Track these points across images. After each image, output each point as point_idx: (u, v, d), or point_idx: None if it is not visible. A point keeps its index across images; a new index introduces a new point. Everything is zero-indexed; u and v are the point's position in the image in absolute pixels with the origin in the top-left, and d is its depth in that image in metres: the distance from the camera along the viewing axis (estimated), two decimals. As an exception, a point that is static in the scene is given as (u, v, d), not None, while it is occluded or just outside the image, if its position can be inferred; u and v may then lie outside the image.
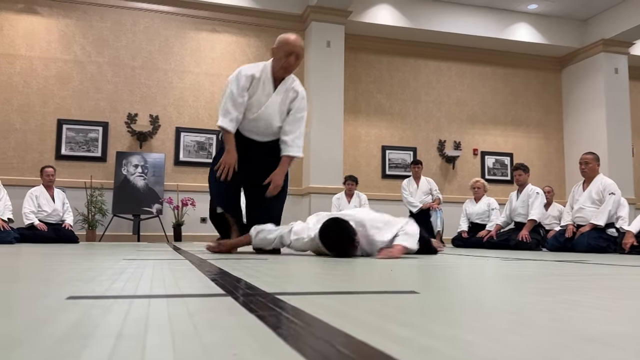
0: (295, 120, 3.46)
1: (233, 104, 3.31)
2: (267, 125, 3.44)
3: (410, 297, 1.10)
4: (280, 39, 3.37)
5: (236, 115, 3.31)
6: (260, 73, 3.39)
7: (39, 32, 7.36)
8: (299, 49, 3.32)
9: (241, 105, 3.33)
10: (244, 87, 3.33)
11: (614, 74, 9.12)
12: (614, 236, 5.04)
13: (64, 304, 0.93)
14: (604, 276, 1.88)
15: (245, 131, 3.46)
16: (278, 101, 3.40)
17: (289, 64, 3.33)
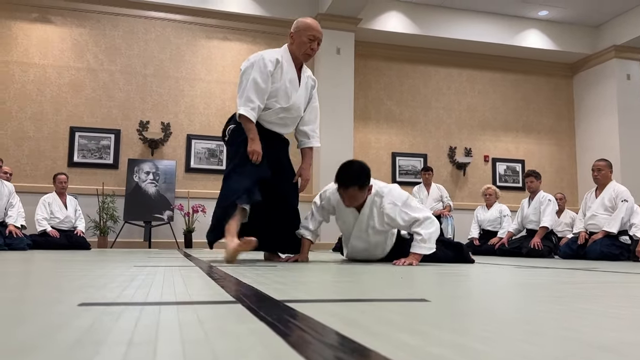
0: (313, 109, 3.32)
1: (256, 91, 3.01)
2: (297, 116, 3.22)
3: (420, 305, 1.10)
4: (302, 23, 3.18)
5: (258, 104, 3.01)
6: (282, 58, 3.14)
7: (52, 40, 7.46)
8: (321, 34, 3.19)
9: (265, 93, 3.04)
10: (269, 73, 3.05)
11: (626, 80, 9.04)
12: (627, 244, 4.99)
13: (76, 310, 0.94)
14: (617, 284, 1.86)
15: (268, 123, 3.16)
16: (304, 89, 3.22)
17: (313, 50, 3.16)
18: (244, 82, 3.04)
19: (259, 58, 3.07)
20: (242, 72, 3.07)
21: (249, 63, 3.07)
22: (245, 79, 3.04)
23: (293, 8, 8.11)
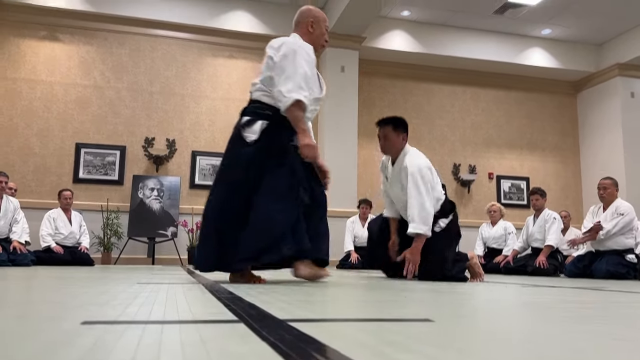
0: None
1: (305, 79, 2.60)
2: (319, 108, 2.92)
3: (424, 325, 1.09)
4: (319, 13, 2.94)
5: (307, 94, 2.60)
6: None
7: (60, 58, 7.54)
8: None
9: (309, 83, 2.65)
10: (313, 62, 2.72)
11: (630, 97, 9.05)
12: (634, 262, 4.95)
13: (79, 328, 0.94)
14: (624, 304, 1.84)
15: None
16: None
17: (327, 42, 2.97)
18: (291, 68, 2.57)
19: (301, 44, 2.71)
20: (283, 55, 2.62)
21: (290, 48, 2.65)
22: (291, 64, 2.58)
23: (298, 26, 8.19)
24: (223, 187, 2.70)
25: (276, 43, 2.74)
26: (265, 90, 2.68)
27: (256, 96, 2.72)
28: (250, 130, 2.64)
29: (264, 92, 2.69)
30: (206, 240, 2.68)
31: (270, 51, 2.71)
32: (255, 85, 2.75)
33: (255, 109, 2.70)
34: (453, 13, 8.34)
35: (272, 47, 2.73)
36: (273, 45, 2.74)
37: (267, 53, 2.73)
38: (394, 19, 8.55)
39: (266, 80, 2.68)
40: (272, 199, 2.50)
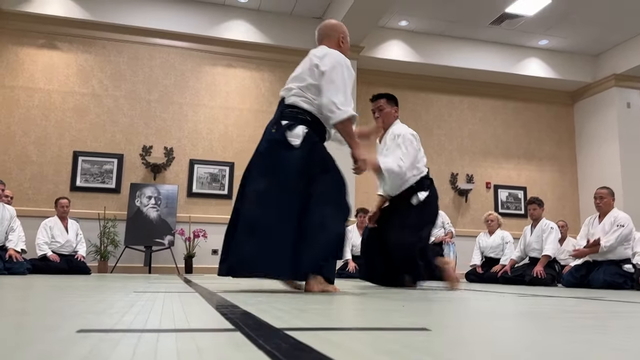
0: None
1: (350, 95, 2.73)
2: None
3: (421, 334, 1.08)
4: (344, 28, 3.04)
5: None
6: None
7: (58, 66, 7.56)
8: None
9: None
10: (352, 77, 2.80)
11: (627, 108, 9.09)
12: (631, 272, 4.94)
13: (75, 337, 0.93)
14: (622, 314, 1.84)
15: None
16: None
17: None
18: (340, 80, 2.66)
19: (345, 58, 2.80)
20: (332, 67, 2.69)
21: (337, 60, 2.73)
22: (340, 77, 2.67)
23: (297, 36, 8.23)
24: (274, 188, 2.57)
25: (319, 52, 2.79)
26: (305, 96, 2.71)
27: (293, 101, 2.73)
28: (293, 134, 2.64)
29: (303, 98, 2.71)
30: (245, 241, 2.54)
31: (315, 59, 2.74)
32: (291, 90, 2.76)
33: (295, 114, 2.70)
34: (451, 23, 8.39)
35: (315, 55, 2.77)
36: (316, 54, 2.78)
37: (312, 61, 2.75)
38: (392, 29, 8.59)
39: (308, 88, 2.71)
40: (326, 207, 2.56)
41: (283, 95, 2.80)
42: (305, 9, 8.11)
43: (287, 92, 2.77)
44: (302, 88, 2.72)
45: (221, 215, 7.78)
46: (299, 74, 2.79)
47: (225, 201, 7.82)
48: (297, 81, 2.76)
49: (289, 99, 2.74)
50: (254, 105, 8.15)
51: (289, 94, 2.76)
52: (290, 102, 2.72)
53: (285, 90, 2.79)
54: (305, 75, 2.73)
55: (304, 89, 2.72)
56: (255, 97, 8.19)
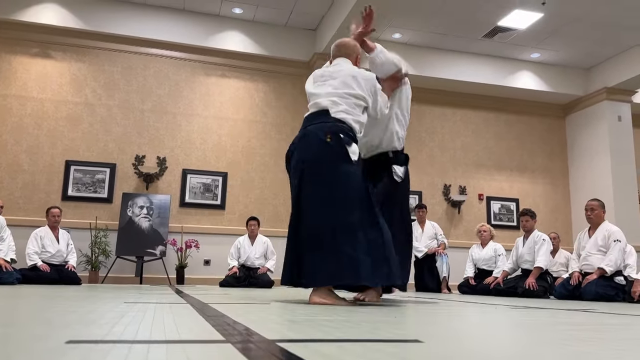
0: None
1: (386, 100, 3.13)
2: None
3: (414, 346, 1.08)
4: (358, 48, 3.27)
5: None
6: None
7: (51, 75, 7.54)
8: None
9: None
10: None
11: (618, 121, 9.17)
12: (622, 284, 4.96)
13: (64, 348, 0.92)
14: (614, 326, 1.84)
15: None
16: None
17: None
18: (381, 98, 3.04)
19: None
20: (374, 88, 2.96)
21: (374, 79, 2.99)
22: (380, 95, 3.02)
23: (291, 47, 8.27)
24: (345, 201, 2.64)
25: (356, 71, 2.96)
26: (353, 114, 2.81)
27: (343, 117, 2.78)
28: (352, 150, 2.71)
29: (352, 117, 2.80)
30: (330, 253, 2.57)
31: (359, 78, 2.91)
32: (338, 105, 2.80)
33: (347, 131, 2.75)
34: (443, 36, 8.46)
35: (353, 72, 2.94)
36: (354, 71, 2.95)
37: (356, 78, 2.89)
38: (386, 41, 8.65)
39: (357, 105, 2.86)
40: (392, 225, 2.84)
41: (327, 106, 2.81)
42: (299, 21, 8.16)
43: (334, 106, 2.80)
44: (350, 105, 2.82)
45: (214, 225, 7.75)
46: (340, 89, 2.86)
47: (218, 211, 7.79)
48: (342, 97, 2.83)
49: (337, 114, 2.78)
50: (248, 116, 8.15)
51: (337, 108, 2.80)
52: (340, 118, 2.77)
53: (330, 103, 2.81)
54: (350, 90, 2.85)
55: (353, 106, 2.83)
56: (249, 107, 8.20)
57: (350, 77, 2.88)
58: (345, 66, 2.98)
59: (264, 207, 7.93)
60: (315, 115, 2.83)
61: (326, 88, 2.87)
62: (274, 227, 7.86)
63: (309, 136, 2.76)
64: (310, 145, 2.73)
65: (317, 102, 2.86)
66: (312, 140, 2.73)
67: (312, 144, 2.73)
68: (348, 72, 2.92)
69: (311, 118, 2.84)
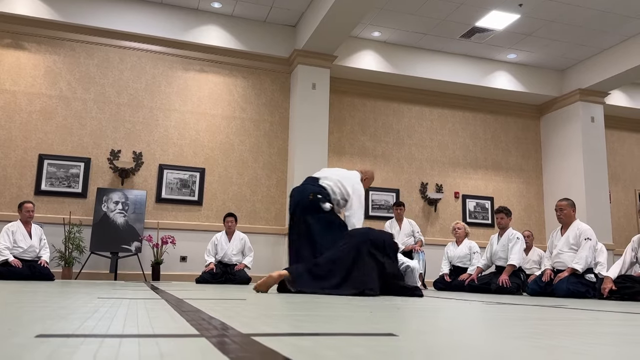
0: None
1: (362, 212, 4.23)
2: None
3: (388, 339, 1.09)
4: (372, 174, 4.62)
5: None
6: None
7: (25, 67, 7.37)
8: None
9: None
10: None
11: (591, 122, 9.37)
12: (593, 281, 5.07)
13: (33, 342, 0.90)
14: (583, 321, 1.88)
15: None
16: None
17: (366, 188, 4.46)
18: (361, 203, 4.20)
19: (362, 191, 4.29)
20: (357, 190, 4.17)
21: (362, 190, 4.24)
22: (361, 201, 4.21)
23: (271, 43, 8.24)
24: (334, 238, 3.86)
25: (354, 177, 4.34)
26: (334, 190, 4.10)
27: (328, 187, 4.09)
28: (324, 206, 3.98)
29: (332, 191, 4.09)
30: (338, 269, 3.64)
31: (350, 180, 4.24)
32: (327, 179, 4.16)
33: (324, 194, 4.05)
34: (422, 35, 8.53)
35: (351, 176, 4.31)
36: (351, 176, 4.33)
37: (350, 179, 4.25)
38: (365, 39, 8.68)
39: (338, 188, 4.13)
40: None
41: (319, 177, 4.18)
42: (279, 17, 8.13)
43: (324, 180, 4.14)
44: (333, 187, 4.10)
45: (191, 221, 7.69)
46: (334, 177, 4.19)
47: (195, 207, 7.73)
48: (331, 181, 4.13)
49: (323, 183, 4.13)
50: (226, 111, 8.10)
51: (324, 181, 4.13)
52: (324, 186, 4.09)
53: (323, 178, 4.15)
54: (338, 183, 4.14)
55: (334, 187, 4.11)
56: (228, 103, 8.15)
57: (346, 176, 4.26)
58: (346, 173, 4.39)
59: (241, 204, 7.90)
60: (311, 179, 4.22)
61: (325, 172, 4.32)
62: (251, 223, 7.84)
63: (302, 192, 4.11)
64: (302, 198, 4.07)
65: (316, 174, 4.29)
66: (303, 194, 4.08)
67: (303, 196, 4.06)
68: (347, 173, 4.35)
69: (309, 180, 4.22)
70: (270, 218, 7.99)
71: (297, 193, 4.15)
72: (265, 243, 7.76)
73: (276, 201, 8.04)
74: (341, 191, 4.09)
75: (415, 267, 4.06)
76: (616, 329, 1.63)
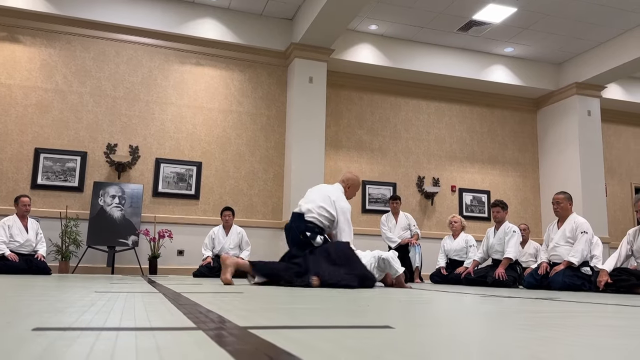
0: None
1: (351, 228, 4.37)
2: None
3: (384, 331, 1.10)
4: (356, 181, 4.51)
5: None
6: None
7: (20, 60, 7.33)
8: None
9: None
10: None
11: (587, 116, 9.38)
12: (589, 274, 5.09)
13: (30, 335, 0.90)
14: (579, 313, 1.90)
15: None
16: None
17: (353, 196, 4.57)
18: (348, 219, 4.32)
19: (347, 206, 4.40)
20: (344, 208, 4.29)
21: (349, 207, 4.36)
22: (347, 217, 4.32)
23: (267, 37, 8.21)
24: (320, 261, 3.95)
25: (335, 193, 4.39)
26: (321, 221, 4.21)
27: (312, 219, 4.19)
28: (315, 241, 4.10)
29: (320, 222, 4.21)
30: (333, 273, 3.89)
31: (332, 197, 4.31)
32: (312, 211, 4.22)
33: (313, 228, 4.16)
34: (419, 29, 8.51)
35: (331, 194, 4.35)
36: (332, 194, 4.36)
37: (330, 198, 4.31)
38: (362, 32, 8.66)
39: (323, 215, 4.23)
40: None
41: (303, 212, 4.23)
42: (275, 10, 8.09)
43: (308, 214, 4.21)
44: (318, 217, 4.20)
45: (188, 215, 7.69)
46: (317, 203, 4.27)
47: (192, 201, 7.72)
48: (315, 213, 4.21)
49: (308, 218, 4.20)
50: (223, 105, 8.08)
51: (309, 215, 4.20)
52: (310, 220, 4.18)
53: (307, 212, 4.21)
54: (321, 210, 4.24)
55: (319, 217, 4.20)
56: (225, 96, 8.12)
57: (325, 193, 4.34)
58: (327, 188, 4.48)
59: (238, 198, 7.90)
60: (297, 215, 4.26)
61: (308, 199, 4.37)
62: (248, 217, 7.84)
63: (293, 232, 4.23)
64: (294, 238, 4.23)
65: (300, 202, 4.39)
66: (293, 235, 4.23)
67: (294, 237, 4.22)
68: (326, 190, 4.41)
69: (295, 217, 4.27)
70: (267, 212, 7.99)
71: (289, 232, 4.34)
72: (262, 237, 7.77)
73: (273, 195, 8.04)
74: (326, 216, 4.23)
75: (388, 257, 4.15)
76: (611, 321, 1.64)
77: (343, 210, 4.28)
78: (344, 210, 4.28)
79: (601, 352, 0.92)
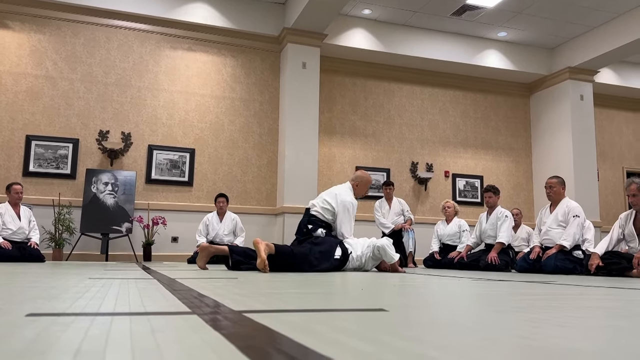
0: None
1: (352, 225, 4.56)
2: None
3: (378, 314, 1.10)
4: (365, 178, 4.66)
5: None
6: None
7: (9, 46, 7.24)
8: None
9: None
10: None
11: (580, 100, 9.40)
12: (580, 258, 5.14)
13: (23, 320, 0.90)
14: (570, 296, 1.92)
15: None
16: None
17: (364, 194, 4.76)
18: (350, 217, 4.49)
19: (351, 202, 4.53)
20: (346, 207, 4.44)
21: (352, 203, 4.49)
22: (350, 215, 4.48)
23: (260, 21, 8.13)
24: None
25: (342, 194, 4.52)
26: (324, 214, 4.42)
27: (317, 214, 4.43)
28: (316, 233, 4.31)
29: (322, 215, 4.42)
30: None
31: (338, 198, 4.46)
32: (316, 205, 4.47)
33: (316, 221, 4.40)
34: (412, 13, 8.46)
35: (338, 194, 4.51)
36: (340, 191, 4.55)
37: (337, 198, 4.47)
38: (355, 17, 8.60)
39: (326, 210, 4.44)
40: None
41: (309, 207, 4.52)
42: (268, -6, 8.01)
43: (313, 208, 4.47)
44: (320, 211, 4.43)
45: (182, 202, 7.67)
46: (322, 197, 4.52)
47: (185, 188, 7.70)
48: (319, 207, 4.45)
49: (312, 211, 4.45)
50: (215, 91, 8.02)
51: (313, 209, 4.46)
52: (314, 214, 4.43)
53: (312, 207, 4.49)
54: (324, 204, 4.45)
55: (322, 210, 4.43)
56: (217, 82, 8.07)
57: (333, 193, 4.50)
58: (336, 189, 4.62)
59: (232, 184, 7.88)
60: (306, 210, 4.53)
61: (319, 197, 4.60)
62: (242, 204, 7.84)
63: (301, 223, 4.51)
64: (300, 229, 4.48)
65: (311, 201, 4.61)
66: (301, 228, 4.47)
67: (301, 229, 4.48)
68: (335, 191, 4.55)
69: (306, 212, 4.52)
70: (261, 198, 7.99)
71: (299, 226, 4.63)
72: (256, 223, 7.78)
73: (267, 181, 8.03)
74: (328, 209, 4.43)
75: (383, 245, 4.20)
76: (601, 303, 1.66)
77: (344, 203, 4.43)
78: (344, 203, 4.44)
79: (592, 332, 0.94)
